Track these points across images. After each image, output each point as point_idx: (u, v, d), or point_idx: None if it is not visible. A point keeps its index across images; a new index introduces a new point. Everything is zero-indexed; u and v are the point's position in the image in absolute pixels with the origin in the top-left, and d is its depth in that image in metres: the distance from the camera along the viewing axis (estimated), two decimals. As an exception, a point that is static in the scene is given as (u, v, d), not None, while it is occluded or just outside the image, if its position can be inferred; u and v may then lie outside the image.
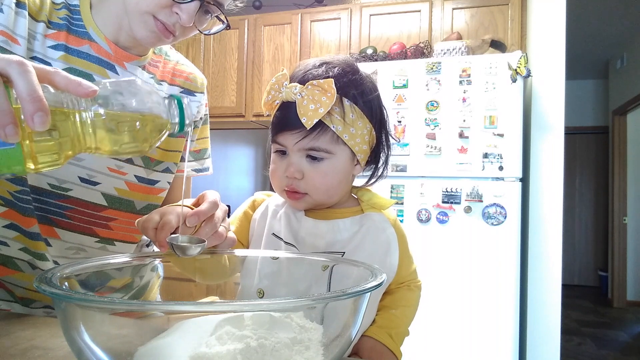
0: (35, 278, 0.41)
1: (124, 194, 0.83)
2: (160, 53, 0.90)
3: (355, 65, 0.73)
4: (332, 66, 0.70)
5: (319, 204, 0.74)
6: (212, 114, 3.17)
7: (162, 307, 0.42)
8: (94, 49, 0.77)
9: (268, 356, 0.40)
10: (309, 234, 0.72)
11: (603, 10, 3.88)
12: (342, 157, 0.70)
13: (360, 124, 0.69)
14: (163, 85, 0.88)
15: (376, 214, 0.75)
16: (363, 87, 0.71)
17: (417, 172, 2.19)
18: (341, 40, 2.89)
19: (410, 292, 0.81)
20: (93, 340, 0.40)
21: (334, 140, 0.68)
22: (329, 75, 0.68)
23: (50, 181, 0.76)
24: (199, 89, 0.94)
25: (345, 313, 0.45)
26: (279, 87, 0.69)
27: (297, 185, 0.70)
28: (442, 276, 2.10)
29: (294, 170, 0.69)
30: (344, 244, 0.71)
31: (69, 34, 0.76)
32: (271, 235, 0.74)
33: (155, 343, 0.44)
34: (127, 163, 0.81)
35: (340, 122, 0.67)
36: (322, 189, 0.71)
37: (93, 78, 0.76)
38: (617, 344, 3.68)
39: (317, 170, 0.69)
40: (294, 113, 0.66)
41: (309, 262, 0.63)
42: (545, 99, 2.30)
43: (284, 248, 0.71)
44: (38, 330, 0.64)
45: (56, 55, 0.74)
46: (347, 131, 0.68)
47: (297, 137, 0.68)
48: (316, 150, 0.68)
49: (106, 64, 0.78)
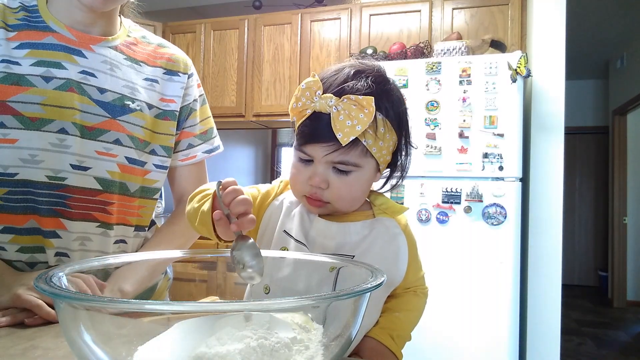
0: (35, 278, 0.41)
1: (117, 176, 0.83)
2: (137, 36, 0.91)
3: (385, 74, 0.72)
4: (366, 75, 0.68)
5: (339, 211, 0.73)
6: (212, 114, 3.16)
7: (162, 307, 0.42)
8: (56, 39, 0.79)
9: (268, 356, 0.40)
10: (319, 234, 0.71)
11: (603, 10, 3.88)
12: (368, 169, 0.70)
13: (388, 136, 0.69)
14: (142, 67, 0.89)
15: (387, 220, 0.74)
16: (393, 97, 0.70)
17: (417, 172, 2.19)
18: (341, 40, 2.89)
19: (416, 297, 0.81)
20: (93, 340, 0.40)
21: (363, 153, 0.67)
22: (365, 89, 0.66)
23: (47, 173, 0.77)
24: (181, 69, 0.95)
25: (345, 313, 0.45)
26: (311, 95, 0.67)
27: (320, 194, 0.69)
28: (442, 276, 2.10)
29: (320, 181, 0.68)
30: (353, 247, 0.71)
31: (29, 31, 0.78)
32: (282, 232, 0.73)
33: (155, 343, 0.44)
34: (116, 144, 0.82)
35: (372, 136, 0.66)
36: (346, 199, 0.70)
37: (62, 66, 0.78)
38: (617, 344, 3.68)
39: (344, 182, 0.68)
40: (326, 125, 0.65)
41: (316, 263, 0.62)
42: (545, 99, 2.30)
43: (294, 245, 0.71)
44: (38, 330, 0.64)
45: (22, 53, 0.77)
46: (377, 145, 0.68)
47: (327, 150, 0.66)
48: (345, 164, 0.67)
49: (72, 50, 0.80)
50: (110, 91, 0.82)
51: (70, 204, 0.80)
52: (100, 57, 0.82)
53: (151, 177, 0.89)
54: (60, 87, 0.77)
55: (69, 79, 0.78)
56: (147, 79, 0.88)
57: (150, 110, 0.87)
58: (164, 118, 0.90)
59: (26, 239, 0.78)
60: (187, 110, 0.95)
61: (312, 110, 0.67)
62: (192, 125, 0.96)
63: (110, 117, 0.81)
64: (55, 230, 0.79)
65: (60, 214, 0.79)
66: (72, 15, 0.81)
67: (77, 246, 0.81)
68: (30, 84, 0.76)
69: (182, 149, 0.96)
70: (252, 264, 0.55)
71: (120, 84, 0.83)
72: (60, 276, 0.45)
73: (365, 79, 0.67)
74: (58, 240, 0.79)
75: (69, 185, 0.79)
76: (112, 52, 0.84)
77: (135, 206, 0.88)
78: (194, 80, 0.97)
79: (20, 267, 0.79)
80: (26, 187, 0.76)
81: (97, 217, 0.82)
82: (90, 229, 0.82)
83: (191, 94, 0.96)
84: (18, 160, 0.76)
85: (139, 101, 0.85)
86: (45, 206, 0.78)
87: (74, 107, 0.78)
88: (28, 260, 0.79)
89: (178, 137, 0.95)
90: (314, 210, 0.72)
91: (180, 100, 0.93)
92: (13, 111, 0.75)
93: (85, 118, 0.79)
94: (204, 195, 0.67)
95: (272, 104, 3.01)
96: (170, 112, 0.91)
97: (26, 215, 0.78)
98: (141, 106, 0.85)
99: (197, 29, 3.21)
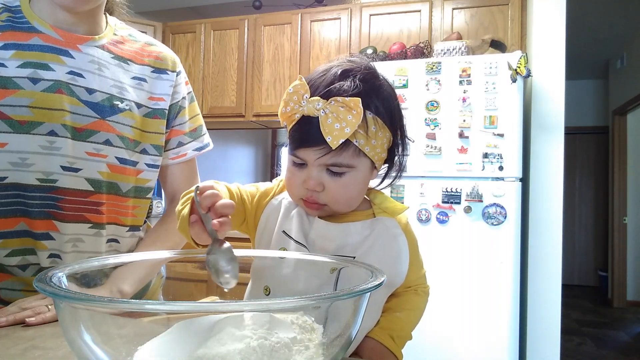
0: (35, 278, 0.41)
1: (107, 176, 0.83)
2: (123, 34, 0.91)
3: (374, 69, 0.71)
4: (354, 75, 0.67)
5: (337, 213, 0.72)
6: (212, 114, 3.17)
7: (162, 307, 0.42)
8: (42, 39, 0.78)
9: (268, 356, 0.40)
10: (319, 236, 0.71)
11: (603, 10, 3.88)
12: (363, 169, 0.69)
13: (381, 134, 0.68)
14: (130, 65, 0.88)
15: (388, 219, 0.74)
16: (384, 94, 0.69)
17: (417, 172, 2.19)
18: (341, 40, 2.89)
19: (417, 296, 0.81)
20: (93, 340, 0.40)
21: (355, 154, 0.67)
22: (352, 89, 0.65)
23: (38, 176, 0.77)
24: (170, 67, 0.94)
25: (345, 313, 0.45)
26: (299, 99, 0.66)
27: (316, 197, 0.69)
28: (442, 276, 2.10)
29: (315, 184, 0.67)
30: (354, 248, 0.70)
31: (14, 32, 0.77)
32: (281, 232, 0.73)
33: (155, 343, 0.44)
34: (106, 145, 0.82)
35: (363, 136, 0.66)
36: (342, 201, 0.70)
37: (49, 67, 0.78)
38: (617, 344, 3.68)
39: (338, 183, 0.68)
40: (316, 129, 0.64)
41: (316, 264, 0.62)
42: (545, 99, 2.30)
43: (294, 246, 0.70)
44: (38, 330, 0.64)
45: (8, 54, 0.75)
46: (369, 144, 0.67)
47: (319, 154, 0.66)
48: (338, 166, 0.67)
49: (59, 50, 0.79)
50: (98, 91, 0.81)
51: (62, 206, 0.79)
52: (87, 56, 0.81)
53: (144, 176, 0.89)
54: (49, 89, 0.76)
55: (57, 81, 0.77)
56: (135, 78, 0.88)
57: (140, 110, 0.87)
58: (154, 117, 0.89)
59: (16, 242, 0.78)
60: (176, 108, 0.95)
61: (301, 115, 0.66)
62: (181, 123, 0.96)
63: (100, 117, 0.81)
64: (48, 232, 0.79)
65: (52, 216, 0.79)
66: (55, 14, 0.80)
67: (70, 248, 0.81)
68: (17, 87, 0.75)
69: (172, 147, 0.96)
70: (227, 269, 0.54)
71: (108, 84, 0.83)
72: (60, 276, 0.45)
73: (353, 78, 0.66)
74: (51, 242, 0.79)
75: (60, 187, 0.78)
76: (99, 52, 0.83)
77: (129, 206, 0.88)
78: (182, 77, 0.97)
79: (12, 271, 0.79)
80: (16, 190, 0.76)
81: (89, 217, 0.82)
82: (83, 230, 0.82)
83: (180, 91, 0.95)
84: (7, 164, 0.75)
85: (127, 101, 0.85)
86: (37, 209, 0.77)
87: (63, 108, 0.77)
88: (20, 263, 0.79)
89: (168, 135, 0.94)
90: (313, 213, 0.72)
91: (169, 99, 0.92)
92: (1, 115, 0.74)
93: (76, 119, 0.79)
94: (185, 200, 0.65)
95: (272, 104, 3.01)
96: (160, 110, 0.90)
97: (16, 218, 0.77)
98: (130, 106, 0.85)
99: (197, 29, 3.21)
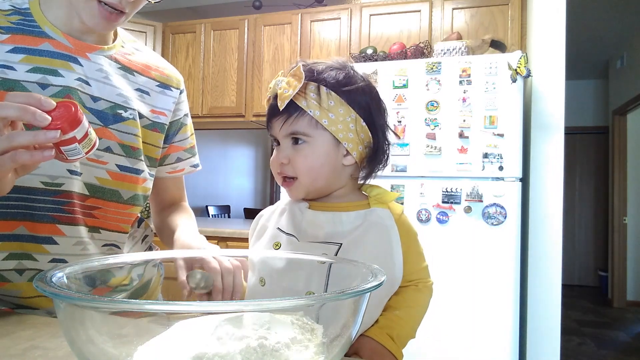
0: (35, 278, 0.41)
1: (107, 183, 0.83)
2: (131, 47, 0.91)
3: (345, 63, 0.78)
4: (321, 62, 0.76)
5: (311, 191, 0.76)
6: (212, 114, 3.17)
7: (162, 307, 0.42)
8: (53, 46, 0.79)
9: (268, 356, 0.40)
10: (309, 224, 0.75)
11: (603, 10, 3.88)
12: (322, 141, 0.74)
13: (341, 110, 0.73)
14: (136, 76, 0.89)
15: (381, 210, 0.75)
16: (346, 78, 0.75)
17: (417, 172, 2.19)
18: (341, 40, 2.89)
19: (419, 292, 0.79)
20: (93, 340, 0.40)
21: (312, 124, 0.73)
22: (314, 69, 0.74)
23: (43, 179, 0.76)
24: (174, 84, 0.96)
25: (345, 313, 0.45)
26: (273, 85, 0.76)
27: (286, 170, 0.75)
28: (442, 276, 2.10)
29: (282, 156, 0.75)
30: (343, 236, 0.73)
31: (25, 36, 0.77)
32: (276, 229, 0.78)
33: (155, 343, 0.44)
34: (107, 152, 0.82)
35: (317, 106, 0.72)
36: (304, 171, 0.74)
37: (59, 73, 0.78)
38: (617, 344, 3.68)
39: (299, 153, 0.74)
40: (277, 102, 0.73)
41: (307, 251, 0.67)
42: (545, 99, 2.30)
43: (285, 239, 0.75)
44: (38, 330, 0.64)
45: (17, 58, 0.75)
46: (326, 116, 0.72)
47: (280, 123, 0.74)
48: (296, 134, 0.74)
49: (68, 57, 0.80)
50: (103, 99, 0.82)
51: (67, 209, 0.79)
52: (95, 65, 0.82)
53: (147, 185, 0.90)
54: (57, 95, 0.76)
55: (65, 87, 0.78)
56: (138, 89, 0.89)
57: (141, 120, 0.88)
58: (153, 129, 0.90)
59: (14, 246, 0.77)
60: (177, 124, 0.96)
61: (271, 95, 0.76)
62: (182, 139, 0.98)
63: (103, 125, 0.81)
64: (52, 236, 0.79)
65: (57, 220, 0.79)
66: (71, 23, 0.80)
67: (76, 251, 0.81)
68: (26, 91, 0.74)
69: (170, 162, 0.98)
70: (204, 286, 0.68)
71: (113, 93, 0.83)
72: (60, 276, 0.45)
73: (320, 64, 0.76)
74: (54, 247, 0.79)
75: (66, 190, 0.78)
76: (107, 61, 0.84)
77: (132, 214, 0.89)
78: (184, 96, 0.99)
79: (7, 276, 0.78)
80: (20, 194, 0.76)
81: (85, 221, 0.82)
82: (83, 233, 0.82)
83: (182, 109, 0.97)
84: None
85: (131, 110, 0.85)
86: (41, 212, 0.77)
87: None
88: (16, 267, 0.78)
89: (167, 150, 0.96)
90: (291, 193, 0.78)
91: (170, 115, 0.94)
92: None
93: None
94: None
95: (272, 104, 3.01)
96: (160, 124, 0.92)
97: (16, 221, 0.77)
98: (134, 115, 0.85)
99: (197, 29, 3.21)
